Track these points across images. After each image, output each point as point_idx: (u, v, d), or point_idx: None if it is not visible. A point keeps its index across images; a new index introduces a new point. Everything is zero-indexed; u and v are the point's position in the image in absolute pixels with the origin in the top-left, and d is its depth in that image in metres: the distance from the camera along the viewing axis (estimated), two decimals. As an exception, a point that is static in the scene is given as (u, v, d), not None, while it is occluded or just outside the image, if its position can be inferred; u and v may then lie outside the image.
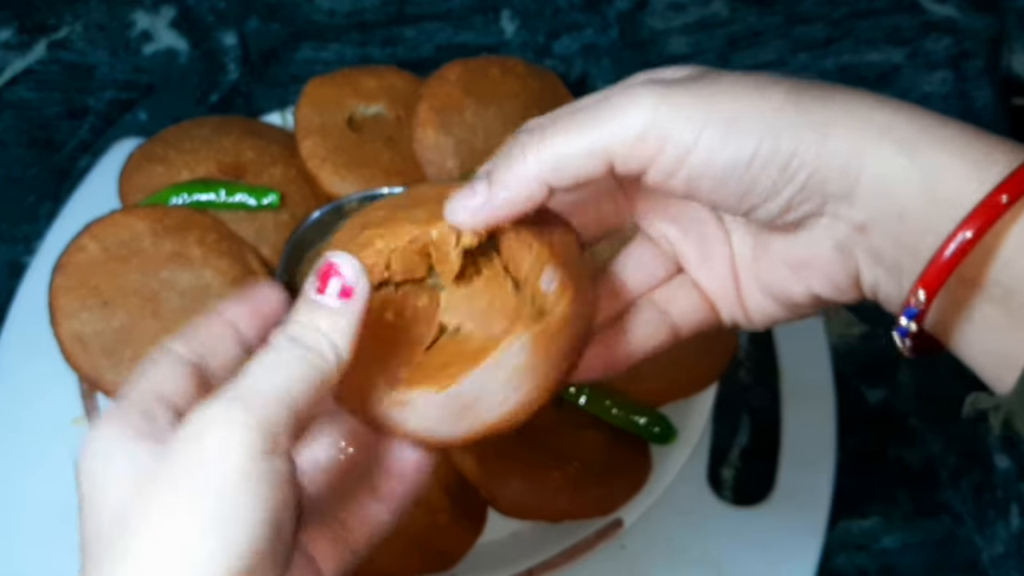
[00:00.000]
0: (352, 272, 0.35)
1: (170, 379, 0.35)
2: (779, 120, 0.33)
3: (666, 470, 0.65)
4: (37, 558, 0.63)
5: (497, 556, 0.62)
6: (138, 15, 0.89)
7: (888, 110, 0.33)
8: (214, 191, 0.69)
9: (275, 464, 0.31)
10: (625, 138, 0.34)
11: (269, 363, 0.33)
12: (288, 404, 0.32)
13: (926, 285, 0.32)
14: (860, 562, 0.68)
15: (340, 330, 0.34)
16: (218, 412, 0.31)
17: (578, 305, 0.37)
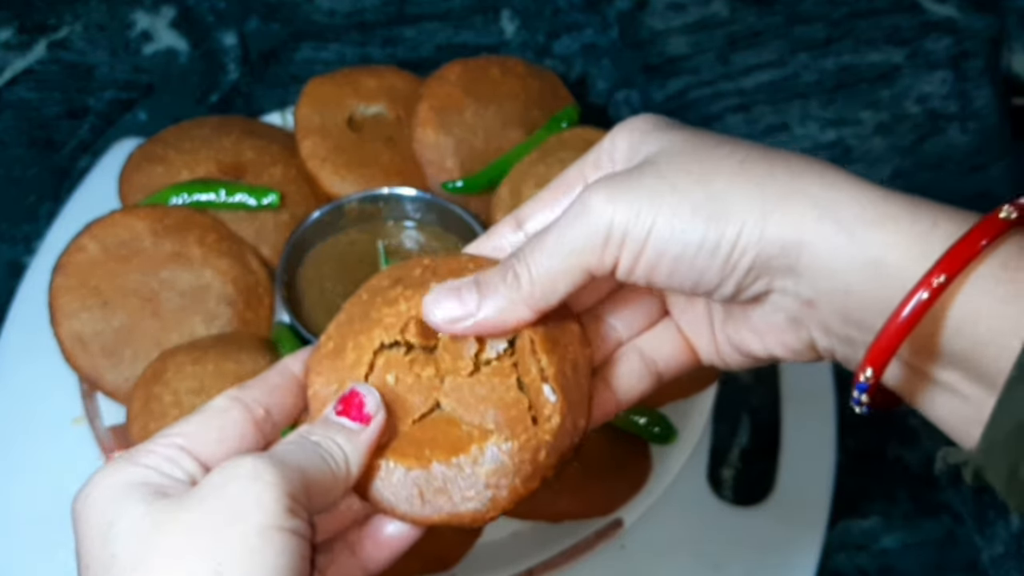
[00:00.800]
0: (373, 403, 0.37)
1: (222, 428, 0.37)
2: (720, 209, 0.34)
3: (666, 470, 0.65)
4: (37, 558, 0.63)
5: (497, 556, 0.62)
6: (138, 15, 0.89)
7: (833, 187, 0.34)
8: (214, 191, 0.69)
9: (294, 522, 0.33)
10: (593, 249, 0.36)
11: (293, 448, 0.35)
12: (305, 481, 0.34)
13: (873, 364, 0.34)
14: (860, 562, 0.68)
15: (354, 448, 0.36)
16: (247, 466, 0.33)
17: (570, 422, 0.38)
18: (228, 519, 0.32)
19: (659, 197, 0.35)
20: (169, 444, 0.36)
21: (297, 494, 0.33)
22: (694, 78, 0.88)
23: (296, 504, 0.33)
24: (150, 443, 0.36)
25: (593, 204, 0.36)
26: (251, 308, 0.67)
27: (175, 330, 0.65)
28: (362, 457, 0.37)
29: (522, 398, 0.38)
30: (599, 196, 0.36)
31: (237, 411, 0.37)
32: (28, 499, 0.65)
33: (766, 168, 0.35)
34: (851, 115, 0.87)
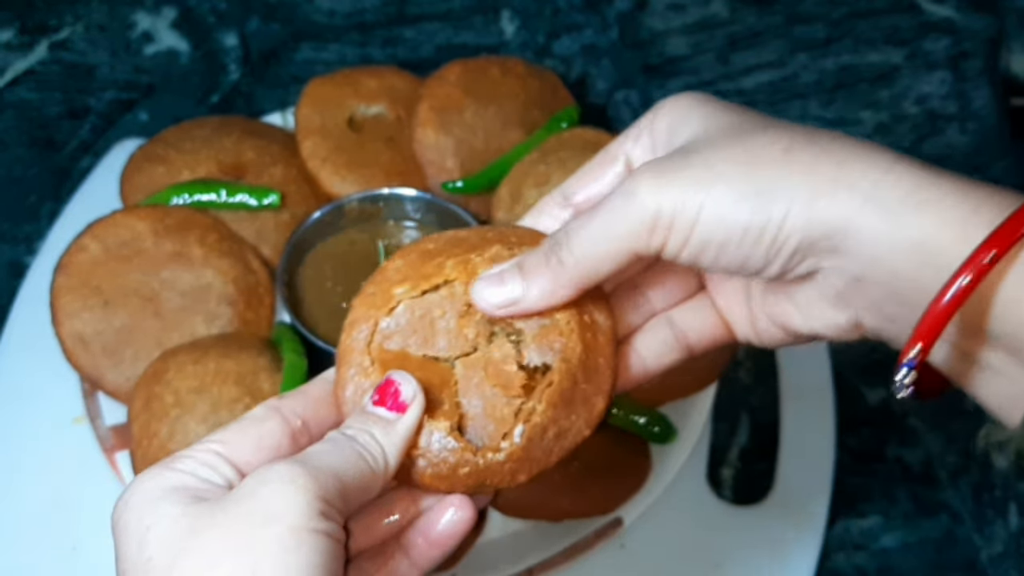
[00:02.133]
0: (409, 391, 0.38)
1: (259, 437, 0.37)
2: (767, 195, 0.35)
3: (666, 470, 0.65)
4: (37, 557, 0.63)
5: (497, 556, 0.62)
6: (139, 16, 0.89)
7: (876, 172, 0.35)
8: (215, 191, 0.69)
9: (327, 524, 0.33)
10: (640, 233, 0.36)
11: (326, 449, 0.36)
12: (339, 484, 0.34)
13: (922, 339, 0.34)
14: (859, 561, 0.68)
15: (391, 441, 0.37)
16: (282, 471, 0.34)
17: (561, 411, 0.39)
18: (262, 521, 0.32)
19: (705, 184, 0.36)
20: (207, 451, 0.36)
21: (330, 497, 0.33)
22: (694, 78, 0.88)
23: (329, 507, 0.33)
24: (189, 449, 0.36)
25: (640, 190, 0.36)
26: (252, 308, 0.67)
27: (176, 330, 0.65)
28: (400, 448, 0.37)
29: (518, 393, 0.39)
30: (646, 182, 0.36)
31: (274, 422, 0.38)
32: (28, 499, 0.65)
33: (811, 155, 0.35)
34: (851, 115, 0.87)
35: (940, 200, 0.34)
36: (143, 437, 0.60)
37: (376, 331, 0.40)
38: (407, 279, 0.40)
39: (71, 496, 0.65)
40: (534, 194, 0.66)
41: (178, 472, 0.35)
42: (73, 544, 0.63)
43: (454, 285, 0.40)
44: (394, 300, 0.40)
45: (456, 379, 0.39)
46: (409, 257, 0.41)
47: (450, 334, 0.39)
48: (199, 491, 0.34)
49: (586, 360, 0.39)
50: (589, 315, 0.40)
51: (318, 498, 0.33)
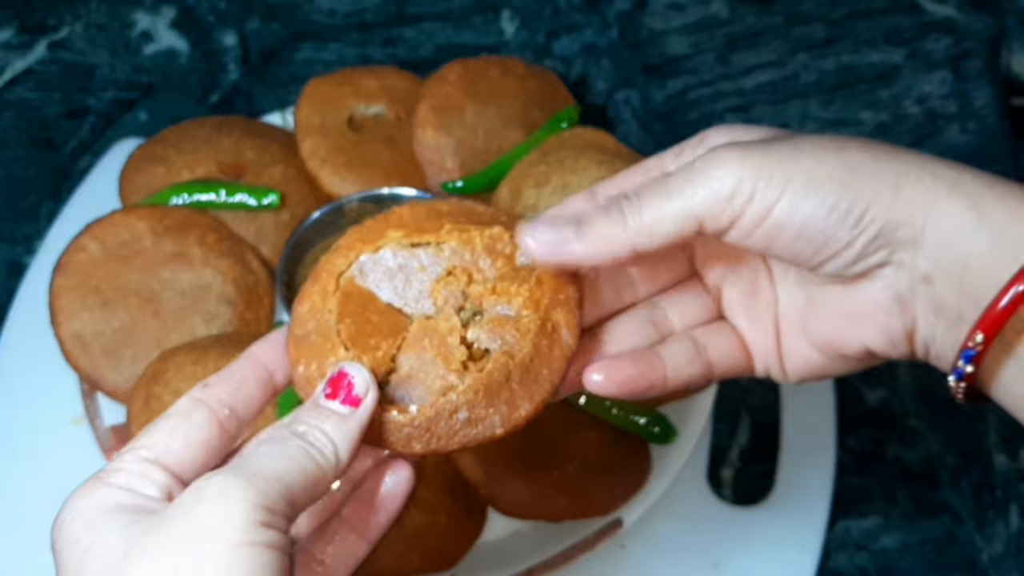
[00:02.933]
0: (363, 383, 0.37)
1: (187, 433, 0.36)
2: (855, 175, 0.35)
3: (666, 470, 0.65)
4: (36, 557, 0.63)
5: (497, 556, 0.62)
6: (138, 15, 0.89)
7: (955, 168, 0.35)
8: (214, 191, 0.69)
9: (269, 536, 0.32)
10: (715, 201, 0.35)
11: (272, 451, 0.35)
12: (283, 489, 0.33)
13: (985, 329, 0.34)
14: (860, 562, 0.68)
15: (343, 436, 0.36)
16: (218, 484, 0.33)
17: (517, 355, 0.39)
18: (195, 539, 0.31)
19: (793, 162, 0.35)
20: (137, 459, 0.35)
21: (272, 504, 0.33)
22: (694, 78, 0.88)
23: (271, 515, 0.32)
24: (118, 460, 0.35)
25: (724, 158, 0.35)
26: (251, 308, 0.67)
27: (175, 330, 0.65)
28: (352, 442, 0.36)
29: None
30: (731, 152, 0.36)
31: (200, 414, 0.37)
32: (28, 499, 0.65)
33: (894, 150, 0.36)
34: (851, 115, 0.87)
35: (1019, 195, 0.34)
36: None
37: (356, 262, 0.40)
38: (405, 227, 0.41)
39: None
40: (534, 194, 0.66)
41: (112, 488, 0.34)
42: (72, 545, 0.63)
43: (443, 247, 0.40)
44: (383, 240, 0.40)
45: (406, 335, 0.39)
46: (417, 209, 0.41)
47: (422, 293, 0.40)
48: (135, 507, 0.33)
49: (529, 364, 0.39)
50: (554, 325, 0.39)
51: (258, 507, 0.32)
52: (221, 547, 0.31)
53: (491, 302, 0.39)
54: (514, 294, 0.39)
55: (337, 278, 0.40)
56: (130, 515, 0.33)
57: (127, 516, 0.33)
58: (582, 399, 0.64)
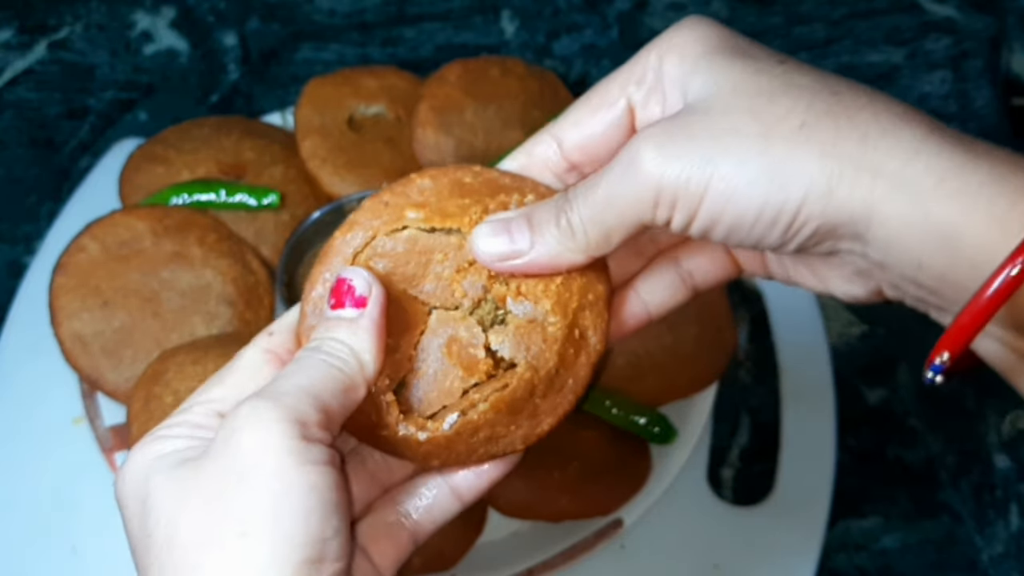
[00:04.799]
0: (363, 283, 0.35)
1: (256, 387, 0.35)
2: (781, 179, 0.32)
3: (666, 470, 0.65)
4: (36, 557, 0.63)
5: (497, 556, 0.62)
6: (138, 15, 0.89)
7: (906, 151, 0.31)
8: (214, 191, 0.69)
9: (313, 452, 0.31)
10: (645, 209, 0.34)
11: (292, 370, 0.34)
12: (313, 400, 0.32)
13: (949, 348, 0.31)
14: (860, 562, 0.68)
15: (359, 338, 0.35)
16: (246, 413, 0.32)
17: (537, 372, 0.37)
18: (241, 473, 0.31)
19: (712, 162, 0.33)
20: (203, 412, 0.35)
21: (307, 418, 0.32)
22: (694, 78, 0.88)
23: (309, 428, 0.32)
24: (184, 412, 0.35)
25: (642, 161, 0.34)
26: (251, 308, 0.67)
27: (175, 330, 0.65)
28: (371, 342, 0.35)
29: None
30: (648, 152, 0.34)
31: (269, 365, 0.36)
32: (27, 499, 0.65)
33: (831, 131, 0.32)
34: (851, 115, 0.87)
35: (976, 190, 0.31)
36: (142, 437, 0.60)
37: (371, 244, 0.37)
38: (426, 206, 0.37)
39: (70, 497, 0.65)
40: (534, 194, 0.66)
41: (171, 439, 0.34)
42: (72, 544, 0.63)
43: (465, 235, 0.37)
44: (402, 223, 0.37)
45: (424, 328, 0.37)
46: (440, 181, 0.38)
47: (440, 282, 0.37)
48: (189, 452, 0.33)
49: (554, 377, 0.37)
50: (582, 331, 0.37)
51: (293, 423, 0.31)
52: (264, 481, 0.30)
53: (515, 299, 0.37)
54: (540, 295, 0.37)
55: (352, 261, 0.37)
56: (182, 460, 0.32)
57: (179, 462, 0.32)
58: (582, 399, 0.64)
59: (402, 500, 0.39)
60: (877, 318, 0.76)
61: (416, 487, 0.39)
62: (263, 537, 0.30)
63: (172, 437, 0.34)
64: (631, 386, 0.65)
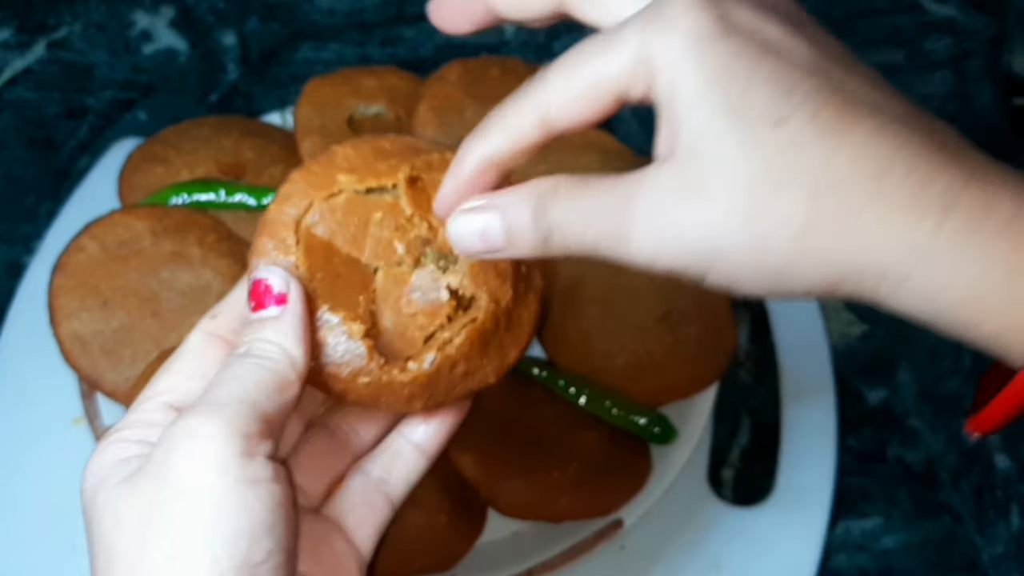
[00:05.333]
0: (280, 281, 0.35)
1: (205, 373, 0.34)
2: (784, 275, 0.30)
3: (666, 470, 0.64)
4: (36, 557, 0.63)
5: (497, 556, 0.62)
6: (138, 15, 0.89)
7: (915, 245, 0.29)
8: (214, 191, 0.69)
9: (252, 468, 0.31)
10: (639, 261, 0.32)
11: (222, 378, 0.33)
12: (249, 409, 0.32)
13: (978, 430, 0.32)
14: (860, 562, 0.68)
15: (285, 334, 0.34)
16: (182, 428, 0.31)
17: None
18: (173, 496, 0.30)
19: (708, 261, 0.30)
20: (156, 407, 0.34)
21: (246, 428, 0.31)
22: (694, 78, 0.88)
23: (248, 441, 0.31)
24: (137, 409, 0.34)
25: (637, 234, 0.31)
26: (251, 308, 0.67)
27: (175, 330, 0.65)
28: (297, 335, 0.34)
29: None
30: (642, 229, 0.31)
31: (215, 348, 0.35)
32: (28, 499, 0.65)
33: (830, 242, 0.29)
34: (851, 115, 0.86)
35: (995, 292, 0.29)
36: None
37: (309, 212, 0.37)
38: (356, 170, 0.38)
39: (70, 497, 0.64)
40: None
41: (125, 443, 0.33)
42: (72, 545, 0.63)
43: (398, 191, 0.38)
44: (336, 187, 0.37)
45: (375, 288, 0.37)
46: (361, 149, 0.39)
47: (380, 242, 0.37)
48: (139, 459, 0.32)
49: (512, 310, 0.38)
50: (526, 266, 0.39)
51: (231, 438, 0.30)
52: (200, 498, 0.30)
53: None
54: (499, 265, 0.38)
55: (295, 229, 0.37)
56: (126, 476, 0.32)
57: (123, 477, 0.32)
58: (582, 399, 0.64)
59: (370, 467, 0.39)
60: (877, 318, 0.76)
61: (380, 452, 0.39)
62: (191, 561, 0.29)
63: (124, 441, 0.33)
64: (631, 386, 0.65)
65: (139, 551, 0.30)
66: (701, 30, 0.30)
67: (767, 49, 0.30)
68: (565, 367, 0.65)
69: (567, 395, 0.64)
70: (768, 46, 0.30)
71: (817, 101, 0.29)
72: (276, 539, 0.31)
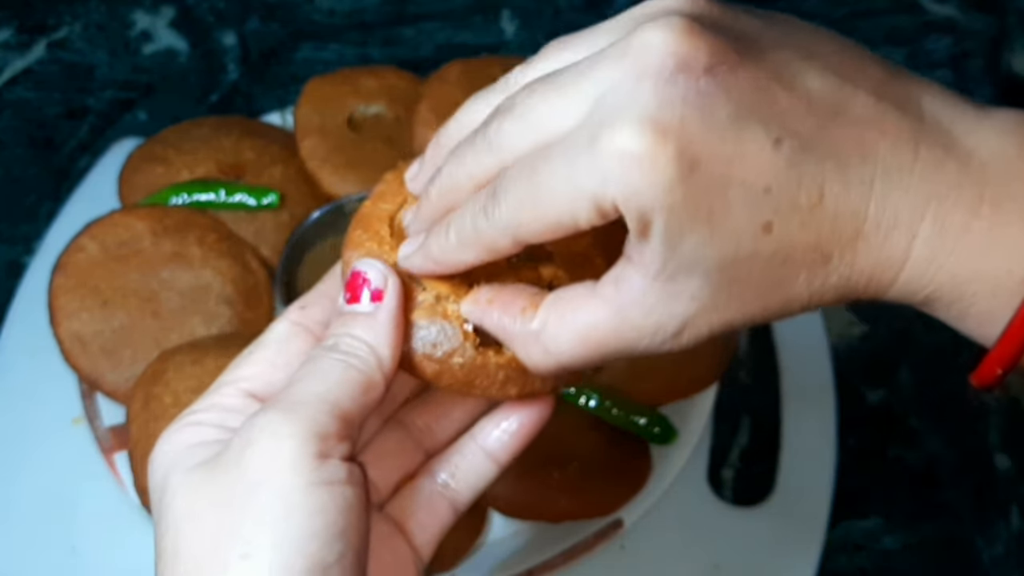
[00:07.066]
0: (379, 275, 0.34)
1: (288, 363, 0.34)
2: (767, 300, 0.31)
3: (666, 470, 0.64)
4: (36, 557, 0.63)
5: (497, 556, 0.62)
6: (138, 15, 0.89)
7: (901, 258, 0.30)
8: (214, 191, 0.69)
9: (327, 470, 0.30)
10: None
11: (307, 372, 0.32)
12: (331, 408, 0.31)
13: (982, 383, 0.32)
14: (860, 562, 0.68)
15: (376, 332, 0.33)
16: (261, 426, 0.31)
17: None
18: (247, 492, 0.30)
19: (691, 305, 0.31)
20: (234, 392, 0.33)
21: (323, 428, 0.30)
22: (694, 78, 0.88)
23: (326, 441, 0.30)
24: (214, 393, 0.34)
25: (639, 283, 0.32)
26: (251, 308, 0.67)
27: (175, 330, 0.65)
28: (389, 336, 0.33)
29: None
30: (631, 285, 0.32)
31: (301, 340, 0.34)
32: (28, 499, 0.65)
33: (805, 271, 0.30)
34: (851, 115, 0.86)
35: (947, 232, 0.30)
36: (141, 438, 0.60)
37: (404, 207, 0.37)
38: None
39: (70, 497, 0.65)
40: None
41: (199, 426, 0.33)
42: (72, 545, 0.63)
43: None
44: None
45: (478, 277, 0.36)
46: None
47: None
48: (217, 445, 0.32)
49: None
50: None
51: (309, 439, 0.30)
52: (275, 497, 0.29)
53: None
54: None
55: (390, 223, 0.36)
56: (202, 461, 0.31)
57: (199, 462, 0.31)
58: (582, 400, 0.64)
59: (438, 469, 0.38)
60: (878, 318, 0.76)
61: (450, 455, 0.38)
62: (263, 561, 0.29)
63: (201, 424, 0.33)
64: (631, 386, 0.65)
65: (212, 545, 0.30)
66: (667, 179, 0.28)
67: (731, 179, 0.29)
68: (565, 367, 0.65)
69: (567, 395, 0.64)
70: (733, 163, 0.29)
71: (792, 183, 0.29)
72: (347, 541, 0.30)
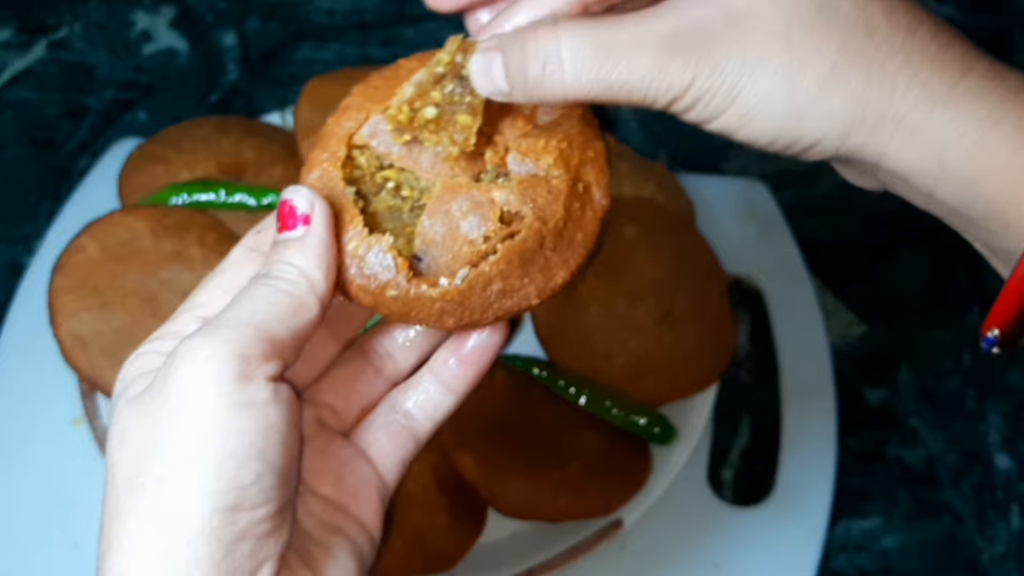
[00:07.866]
0: (305, 202, 0.34)
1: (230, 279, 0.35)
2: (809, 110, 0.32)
3: (666, 470, 0.64)
4: (36, 557, 0.63)
5: (497, 556, 0.62)
6: (138, 15, 0.89)
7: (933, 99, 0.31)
8: (214, 191, 0.69)
9: (249, 391, 0.31)
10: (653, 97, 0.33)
11: (237, 299, 0.33)
12: (255, 331, 0.31)
13: (998, 325, 0.32)
14: (860, 562, 0.68)
15: (306, 255, 0.34)
16: (182, 353, 0.31)
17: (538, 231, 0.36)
18: (170, 415, 0.30)
19: (736, 87, 0.32)
20: (190, 319, 0.34)
21: (247, 350, 0.31)
22: (694, 78, 0.88)
23: (248, 363, 0.31)
24: (173, 320, 0.34)
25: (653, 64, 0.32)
26: (251, 308, 0.67)
27: (175, 330, 0.65)
28: (321, 259, 0.34)
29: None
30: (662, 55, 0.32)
31: (254, 264, 0.35)
32: (27, 500, 0.65)
33: (860, 80, 0.32)
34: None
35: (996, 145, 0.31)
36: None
37: (365, 124, 0.37)
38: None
39: (70, 497, 0.65)
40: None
41: (153, 355, 0.33)
42: (73, 545, 0.63)
43: None
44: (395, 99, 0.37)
45: (427, 200, 0.36)
46: (426, 60, 0.38)
47: (438, 156, 0.37)
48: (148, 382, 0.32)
49: (563, 229, 0.36)
50: (585, 185, 0.37)
51: (230, 360, 0.30)
52: (193, 418, 0.30)
53: (515, 160, 0.36)
54: (541, 151, 0.36)
55: (348, 143, 0.37)
56: (144, 389, 0.32)
57: (141, 390, 0.32)
58: (582, 399, 0.64)
59: (399, 399, 0.39)
60: (878, 318, 0.76)
61: (409, 385, 0.39)
62: (177, 483, 0.30)
63: (152, 353, 0.34)
64: (631, 386, 0.65)
65: (136, 470, 0.30)
66: None
67: None
68: (565, 367, 0.65)
69: (567, 395, 0.64)
70: None
71: None
72: (267, 462, 0.31)
